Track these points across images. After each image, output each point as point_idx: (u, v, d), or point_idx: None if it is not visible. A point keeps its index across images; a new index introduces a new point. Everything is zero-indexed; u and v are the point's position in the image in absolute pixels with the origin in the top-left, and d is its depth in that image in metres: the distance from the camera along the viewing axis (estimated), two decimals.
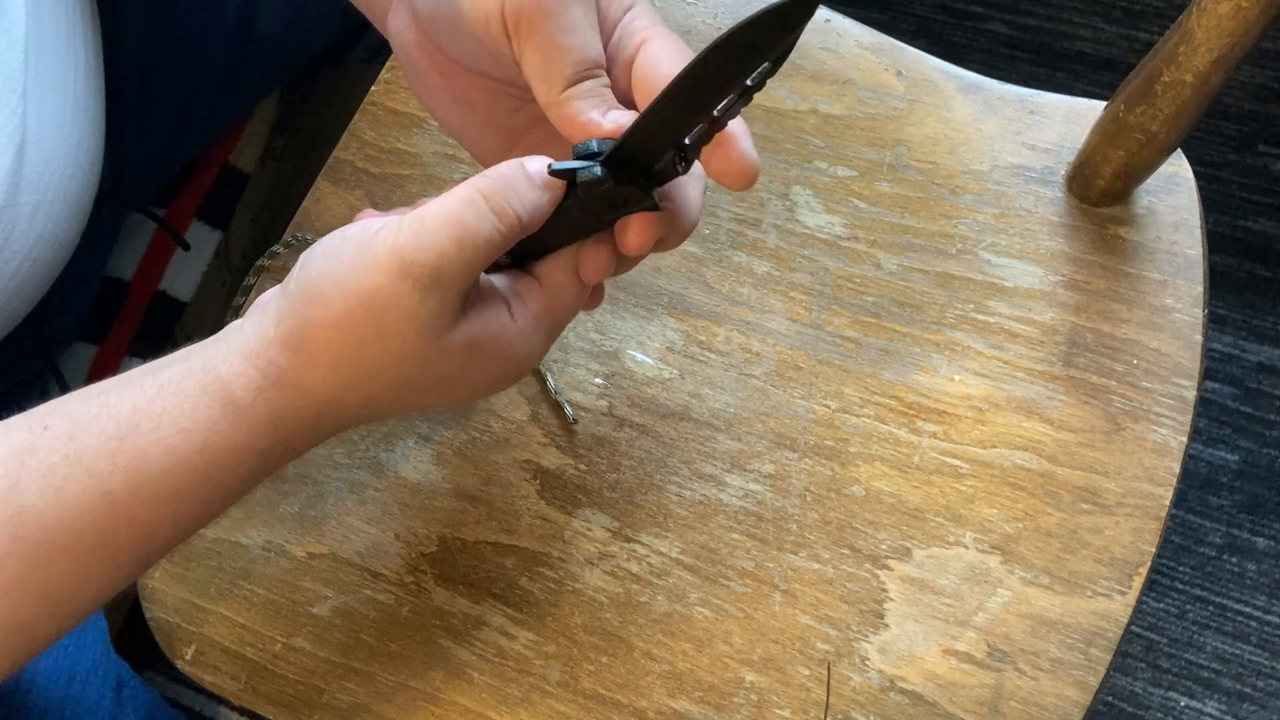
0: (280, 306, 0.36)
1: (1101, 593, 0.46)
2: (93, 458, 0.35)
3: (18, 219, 0.50)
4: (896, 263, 0.52)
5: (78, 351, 0.73)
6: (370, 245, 0.35)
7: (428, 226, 0.35)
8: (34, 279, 0.53)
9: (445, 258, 0.34)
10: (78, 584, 0.36)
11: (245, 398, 0.36)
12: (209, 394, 0.36)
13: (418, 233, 0.34)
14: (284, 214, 0.78)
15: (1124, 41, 1.05)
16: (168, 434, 0.36)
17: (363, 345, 0.35)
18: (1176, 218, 0.51)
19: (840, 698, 0.47)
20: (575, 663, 0.49)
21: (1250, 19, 0.40)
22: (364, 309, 0.35)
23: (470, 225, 0.35)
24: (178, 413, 0.36)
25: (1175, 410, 0.48)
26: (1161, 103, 0.45)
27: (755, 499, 0.50)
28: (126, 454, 0.35)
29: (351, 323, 0.35)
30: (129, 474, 0.35)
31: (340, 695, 0.50)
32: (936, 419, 0.50)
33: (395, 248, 0.34)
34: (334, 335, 0.35)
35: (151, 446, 0.36)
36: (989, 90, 0.55)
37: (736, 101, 0.35)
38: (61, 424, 0.36)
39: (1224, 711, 0.86)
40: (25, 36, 0.50)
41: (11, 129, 0.49)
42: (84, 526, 0.35)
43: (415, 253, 0.34)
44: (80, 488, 0.35)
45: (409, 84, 0.44)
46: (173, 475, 0.36)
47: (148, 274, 0.75)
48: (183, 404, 0.36)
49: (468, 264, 0.35)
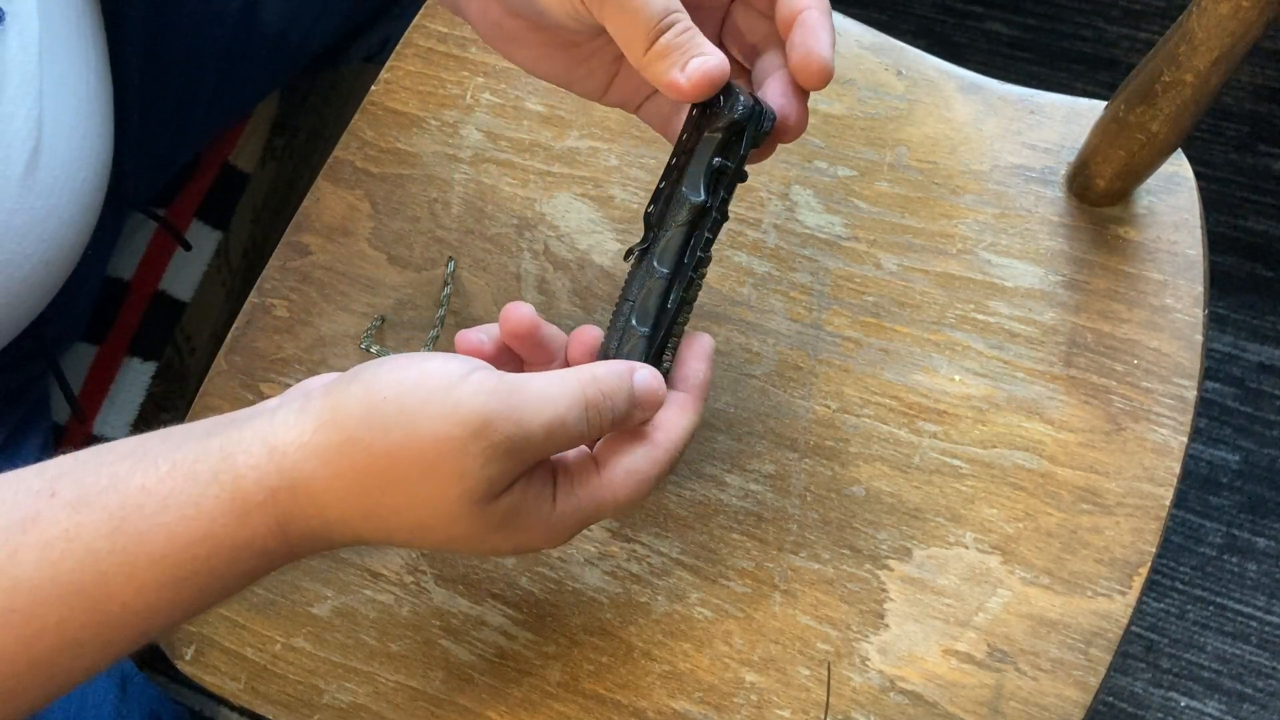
0: (324, 413, 0.35)
1: (1102, 593, 0.46)
2: (91, 535, 0.34)
3: (31, 223, 0.50)
4: (897, 263, 0.52)
5: (78, 351, 0.73)
6: (453, 393, 0.34)
7: (524, 402, 0.34)
8: (45, 282, 0.53)
9: (531, 441, 0.34)
10: (70, 658, 0.35)
11: (256, 496, 0.34)
12: (220, 483, 0.34)
13: (513, 406, 0.34)
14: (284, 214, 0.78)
15: (1124, 41, 1.05)
16: (170, 519, 0.34)
17: (400, 484, 0.34)
18: (1177, 218, 0.51)
19: (840, 698, 0.47)
20: (575, 663, 0.49)
21: (1250, 19, 0.40)
22: (421, 452, 0.33)
23: (567, 422, 0.35)
24: (184, 498, 0.34)
25: (1176, 410, 0.48)
26: (1162, 103, 0.45)
27: (755, 499, 0.50)
28: (125, 535, 0.34)
29: (402, 460, 0.34)
30: (125, 556, 0.34)
31: (340, 695, 0.50)
32: (937, 419, 0.50)
33: (482, 409, 0.33)
34: (374, 464, 0.34)
35: (152, 530, 0.34)
36: (989, 90, 0.55)
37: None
38: (69, 492, 0.35)
39: (1224, 711, 0.86)
40: (39, 39, 0.50)
41: (27, 132, 0.49)
42: (76, 604, 0.34)
43: (502, 422, 0.34)
44: (76, 564, 0.34)
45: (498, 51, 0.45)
46: (170, 563, 0.34)
47: (148, 274, 0.75)
48: (190, 489, 0.34)
49: (544, 452, 0.35)
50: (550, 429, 0.35)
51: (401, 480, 0.34)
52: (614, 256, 0.55)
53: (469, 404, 0.33)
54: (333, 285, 0.57)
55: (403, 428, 0.33)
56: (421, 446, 0.33)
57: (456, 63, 0.60)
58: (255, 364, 0.56)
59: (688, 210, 0.40)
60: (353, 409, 0.34)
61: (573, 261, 0.55)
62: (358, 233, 0.57)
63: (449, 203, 0.57)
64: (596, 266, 0.55)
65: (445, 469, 0.33)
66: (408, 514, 0.35)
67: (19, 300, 0.52)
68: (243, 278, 0.80)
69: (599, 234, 0.55)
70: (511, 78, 0.59)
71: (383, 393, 0.34)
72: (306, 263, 0.57)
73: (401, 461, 0.34)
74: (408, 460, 0.34)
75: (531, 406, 0.34)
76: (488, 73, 0.59)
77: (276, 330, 0.57)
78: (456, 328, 0.54)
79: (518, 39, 0.44)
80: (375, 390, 0.34)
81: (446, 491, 0.34)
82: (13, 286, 0.51)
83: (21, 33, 0.49)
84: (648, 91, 0.45)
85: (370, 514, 0.35)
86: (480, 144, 0.58)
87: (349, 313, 0.56)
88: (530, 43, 0.43)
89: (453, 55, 0.60)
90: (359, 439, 0.34)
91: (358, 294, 0.56)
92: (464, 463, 0.33)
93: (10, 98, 0.48)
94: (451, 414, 0.33)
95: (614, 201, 0.56)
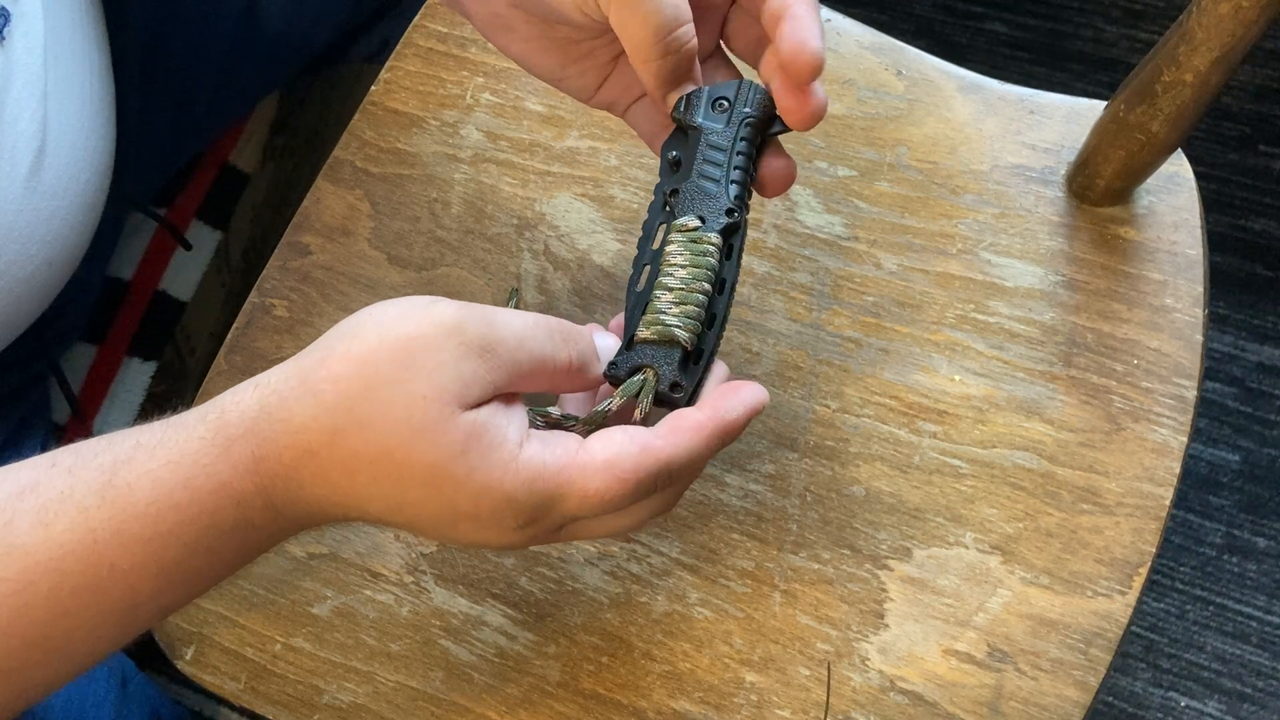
0: (313, 346, 0.36)
1: (1102, 593, 0.46)
2: (84, 493, 0.34)
3: (35, 224, 0.50)
4: (897, 262, 0.52)
5: (78, 351, 0.73)
6: (430, 307, 0.35)
7: (495, 312, 0.35)
8: (47, 283, 0.53)
9: (503, 343, 0.35)
10: (62, 634, 0.35)
11: (236, 427, 0.35)
12: (206, 422, 0.35)
13: (484, 312, 0.35)
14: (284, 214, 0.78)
15: (1124, 41, 1.05)
16: (157, 466, 0.34)
17: (373, 388, 0.34)
18: (1177, 217, 0.51)
19: (840, 698, 0.47)
20: (575, 663, 0.49)
21: (1250, 19, 0.40)
22: (394, 350, 0.34)
23: (538, 335, 0.36)
24: (171, 444, 0.35)
25: (1175, 410, 0.48)
26: (1162, 102, 0.45)
27: (755, 499, 0.50)
28: (115, 489, 0.34)
29: (374, 360, 0.34)
30: (114, 510, 0.34)
31: (340, 695, 0.50)
32: (937, 419, 0.50)
33: (456, 313, 0.34)
34: (347, 370, 0.34)
35: (139, 480, 0.34)
36: (989, 90, 0.55)
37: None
38: (67, 459, 0.35)
39: (1224, 712, 0.86)
40: (44, 40, 0.50)
41: (32, 133, 0.49)
42: (67, 568, 0.34)
43: (475, 323, 0.34)
44: (68, 524, 0.34)
45: (494, 46, 0.45)
46: (155, 515, 0.34)
47: (148, 274, 0.75)
48: (178, 435, 0.35)
49: (517, 362, 0.35)
50: (520, 338, 0.35)
51: (374, 381, 0.34)
52: (614, 256, 0.55)
53: (443, 311, 0.35)
54: (333, 285, 0.57)
55: (377, 330, 0.34)
56: (395, 344, 0.34)
57: (456, 63, 0.60)
58: (255, 364, 0.56)
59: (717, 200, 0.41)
60: (338, 332, 0.35)
61: (573, 261, 0.55)
62: (358, 233, 0.57)
63: (449, 203, 0.57)
64: (596, 266, 0.55)
65: (417, 364, 0.34)
66: (379, 424, 0.34)
67: (21, 301, 0.52)
68: (243, 278, 0.80)
69: (599, 234, 0.55)
70: (511, 78, 0.59)
71: (362, 318, 0.35)
72: (306, 263, 0.57)
73: (374, 361, 0.34)
74: (382, 358, 0.34)
75: (502, 315, 0.35)
76: (488, 73, 0.59)
77: (276, 330, 0.57)
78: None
79: (515, 31, 0.44)
80: (358, 318, 0.36)
81: (417, 390, 0.34)
82: (15, 287, 0.51)
83: (27, 34, 0.49)
84: (637, 94, 0.45)
85: (338, 432, 0.34)
86: (480, 144, 0.58)
87: (349, 313, 0.56)
88: (527, 35, 0.44)
89: (453, 55, 0.60)
90: (336, 350, 0.35)
91: (357, 294, 0.56)
92: (438, 356, 0.34)
93: (15, 99, 0.48)
94: (425, 317, 0.34)
95: (614, 201, 0.56)
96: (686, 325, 0.39)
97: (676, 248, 0.40)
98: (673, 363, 0.39)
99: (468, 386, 0.34)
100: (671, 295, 0.39)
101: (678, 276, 0.39)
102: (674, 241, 0.40)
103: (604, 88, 0.45)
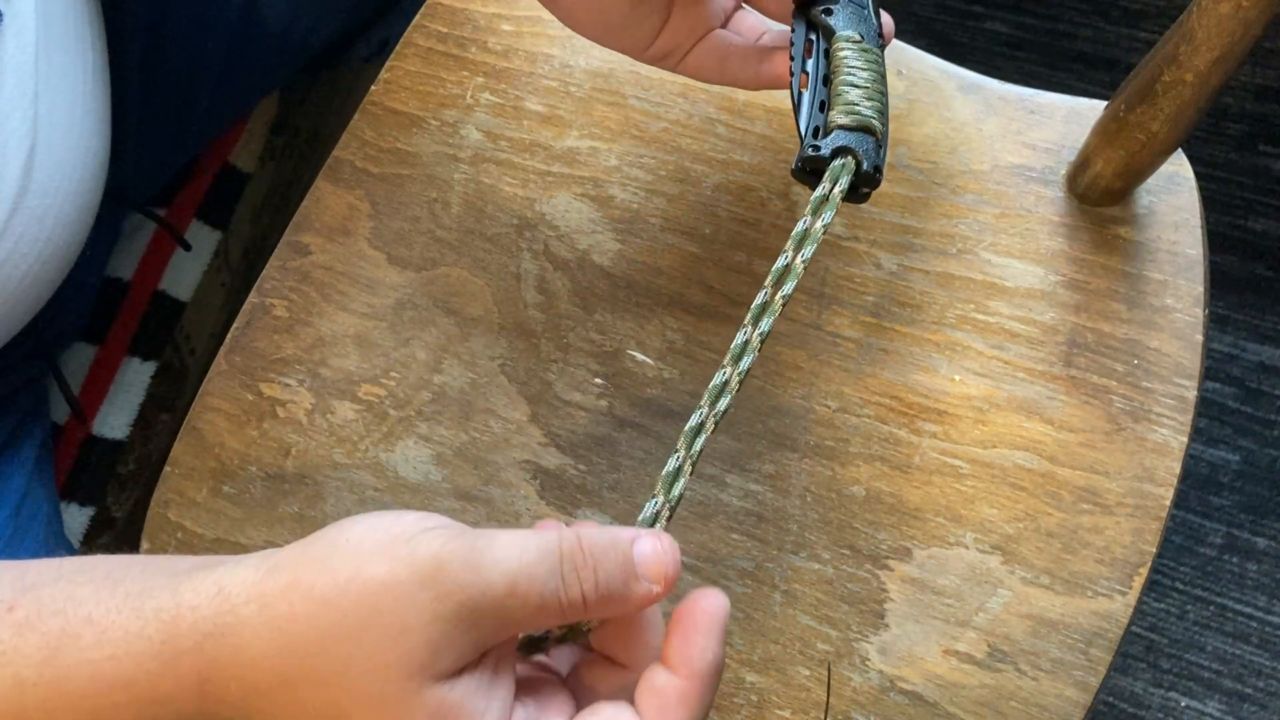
0: (283, 557, 0.32)
1: (1102, 593, 0.46)
2: (24, 662, 0.32)
3: (28, 223, 0.50)
4: (897, 262, 0.52)
5: (77, 351, 0.73)
6: (412, 539, 0.30)
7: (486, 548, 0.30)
8: (41, 282, 0.53)
9: (488, 595, 0.30)
10: None
11: (187, 639, 0.31)
12: (161, 620, 0.32)
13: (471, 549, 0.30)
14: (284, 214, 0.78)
15: (1124, 41, 1.05)
16: (100, 658, 0.32)
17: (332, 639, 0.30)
18: (1177, 217, 0.51)
19: (840, 698, 0.47)
20: None
21: (1250, 19, 0.40)
22: (361, 597, 0.30)
23: (535, 575, 0.30)
24: (118, 635, 0.32)
25: (1176, 410, 0.48)
26: (1162, 102, 0.45)
27: (755, 499, 0.50)
28: (55, 669, 0.32)
29: (340, 605, 0.30)
30: (50, 692, 0.32)
31: None
32: (937, 419, 0.50)
33: (438, 552, 0.30)
34: (311, 611, 0.30)
35: (78, 668, 0.32)
36: (989, 90, 0.55)
37: None
38: (25, 609, 0.33)
39: (1224, 712, 0.86)
40: (36, 39, 0.50)
41: (23, 133, 0.49)
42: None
43: (456, 567, 0.29)
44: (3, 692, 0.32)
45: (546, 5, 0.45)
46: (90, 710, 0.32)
47: (147, 274, 0.75)
48: (129, 625, 0.32)
49: (506, 613, 0.30)
50: (513, 581, 0.30)
51: (334, 633, 0.30)
52: (614, 256, 0.55)
53: (425, 547, 0.30)
54: (332, 285, 0.57)
55: (350, 569, 0.30)
56: (363, 590, 0.30)
57: (456, 63, 0.60)
58: (255, 364, 0.56)
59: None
60: (312, 552, 0.31)
61: (573, 261, 0.55)
62: (357, 233, 0.57)
63: (449, 203, 0.57)
64: (596, 266, 0.55)
65: (384, 622, 0.29)
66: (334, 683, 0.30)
67: (16, 301, 0.52)
68: (242, 278, 0.80)
69: (599, 234, 0.55)
70: (511, 78, 0.59)
71: (345, 536, 0.31)
72: (306, 263, 0.57)
73: (339, 606, 0.30)
74: (347, 604, 0.30)
75: (493, 553, 0.30)
76: (488, 73, 0.59)
77: (276, 330, 0.57)
78: (461, 339, 0.54)
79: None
80: (339, 535, 0.31)
81: (379, 653, 0.29)
82: (9, 286, 0.51)
83: (19, 34, 0.49)
84: (696, 38, 0.44)
85: (288, 682, 0.30)
86: (480, 144, 0.58)
87: (349, 313, 0.56)
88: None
89: (453, 55, 0.60)
90: (303, 581, 0.31)
91: (357, 294, 0.56)
92: (407, 615, 0.29)
93: (6, 99, 0.48)
94: (403, 558, 0.30)
95: (614, 201, 0.56)
96: (879, 117, 0.41)
97: (852, 54, 0.42)
98: (869, 148, 0.41)
99: (438, 654, 0.29)
100: (860, 91, 0.41)
101: (861, 77, 0.42)
102: (847, 49, 0.42)
103: (665, 32, 0.43)
